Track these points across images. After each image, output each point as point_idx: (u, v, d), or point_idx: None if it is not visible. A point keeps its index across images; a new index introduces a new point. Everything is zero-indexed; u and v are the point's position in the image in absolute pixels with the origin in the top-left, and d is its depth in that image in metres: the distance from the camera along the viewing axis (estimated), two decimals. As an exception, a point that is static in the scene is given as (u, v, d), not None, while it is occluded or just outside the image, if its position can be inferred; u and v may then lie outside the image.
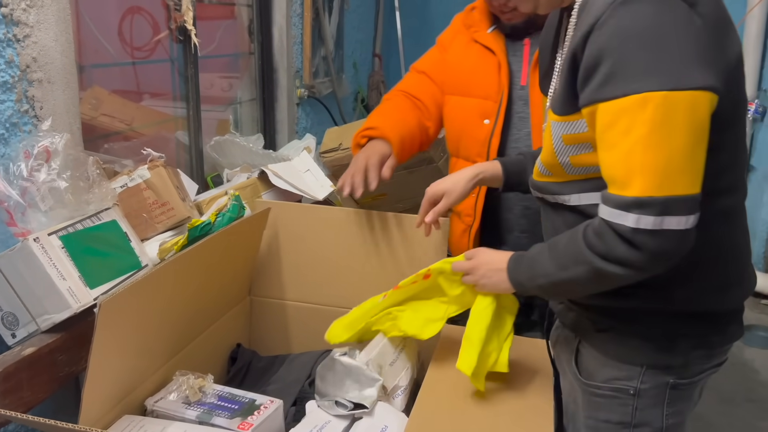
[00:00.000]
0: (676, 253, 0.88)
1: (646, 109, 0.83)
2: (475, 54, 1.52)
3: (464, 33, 1.56)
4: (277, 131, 2.54)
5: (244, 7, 2.38)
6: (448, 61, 1.58)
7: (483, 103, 1.49)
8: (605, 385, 1.07)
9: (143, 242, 1.32)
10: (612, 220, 0.88)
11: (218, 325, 1.39)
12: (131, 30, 1.84)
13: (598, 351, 1.08)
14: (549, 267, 0.99)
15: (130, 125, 1.88)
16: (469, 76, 1.52)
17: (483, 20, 1.51)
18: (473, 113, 1.51)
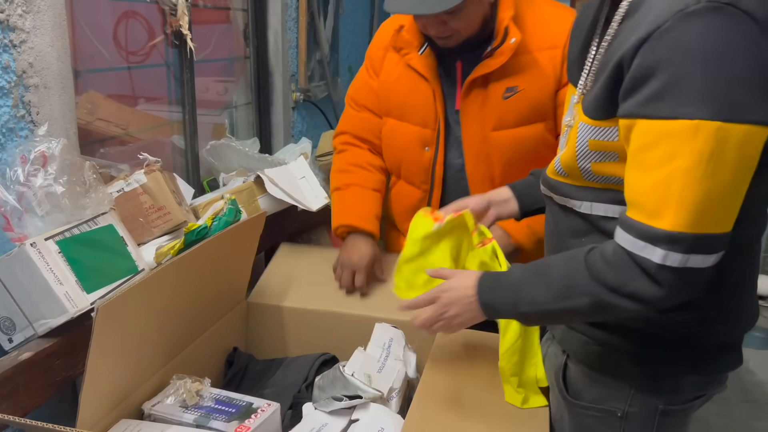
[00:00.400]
0: (694, 291, 0.83)
1: (696, 139, 0.75)
2: (409, 80, 1.46)
3: (395, 54, 1.48)
4: (272, 135, 2.54)
5: (240, 11, 2.38)
6: (381, 84, 1.52)
7: (422, 131, 1.46)
8: (592, 406, 1.04)
9: (140, 246, 1.32)
10: (635, 251, 0.82)
11: (215, 328, 1.39)
12: (126, 35, 1.85)
13: (586, 369, 1.05)
14: (540, 295, 0.93)
15: (126, 130, 1.89)
16: (404, 102, 1.48)
17: (413, 41, 1.43)
18: (413, 141, 1.49)
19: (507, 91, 1.39)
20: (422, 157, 1.48)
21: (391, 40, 1.46)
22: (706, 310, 0.95)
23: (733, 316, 0.98)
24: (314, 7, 2.75)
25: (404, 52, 1.44)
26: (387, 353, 1.24)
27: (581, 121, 0.93)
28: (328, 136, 2.65)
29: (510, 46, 1.34)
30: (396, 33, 1.44)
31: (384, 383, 1.16)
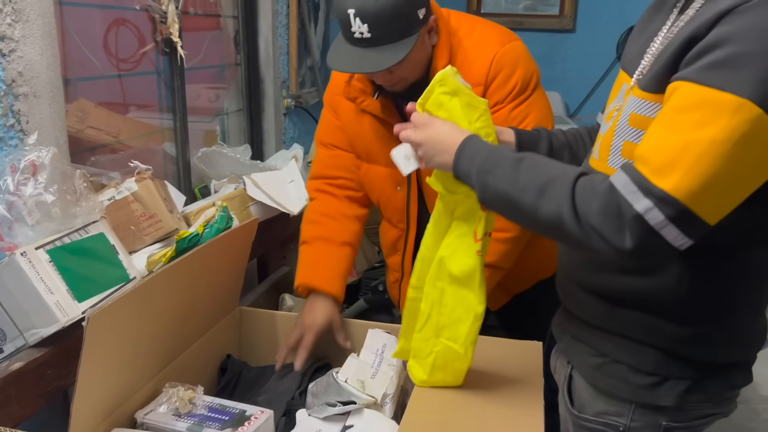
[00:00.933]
0: (649, 260, 0.84)
1: (734, 117, 0.74)
2: (369, 124, 1.43)
3: (349, 102, 1.44)
4: (264, 141, 2.54)
5: (230, 18, 2.39)
6: (344, 128, 1.50)
7: (392, 172, 1.43)
8: (595, 419, 1.03)
9: (131, 255, 1.32)
10: (622, 192, 0.81)
11: (208, 336, 1.39)
12: (117, 42, 1.84)
13: (589, 382, 1.05)
14: (509, 178, 0.90)
15: (116, 137, 1.88)
16: (370, 146, 1.46)
17: (366, 88, 1.39)
18: (385, 182, 1.47)
19: None
20: (396, 197, 1.47)
21: (344, 92, 1.42)
22: (704, 328, 0.94)
23: (739, 337, 0.97)
24: (304, 13, 2.75)
25: (359, 100, 1.40)
26: (380, 359, 1.24)
27: (631, 94, 0.92)
28: (320, 141, 2.65)
29: None
30: (347, 84, 1.41)
31: (377, 389, 1.16)
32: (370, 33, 1.19)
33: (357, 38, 1.21)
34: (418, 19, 1.23)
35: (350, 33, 1.21)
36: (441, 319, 1.10)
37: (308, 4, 2.81)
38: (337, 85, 1.48)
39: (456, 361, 1.11)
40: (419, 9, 1.22)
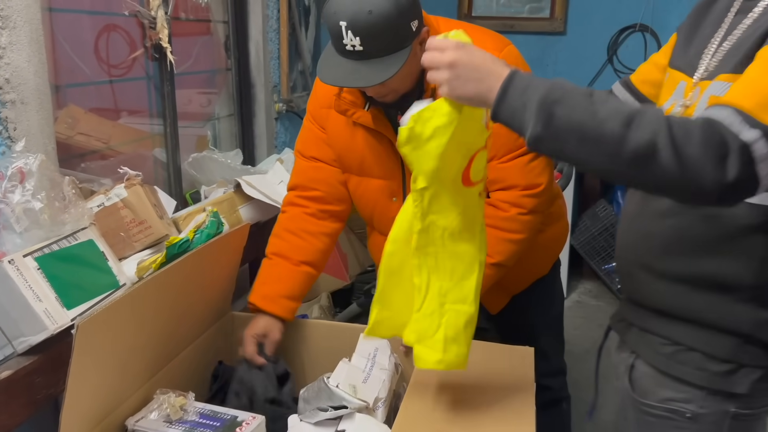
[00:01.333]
0: (742, 196, 0.82)
1: None
2: (362, 137, 1.41)
3: (339, 115, 1.41)
4: (255, 146, 2.54)
5: (220, 23, 2.38)
6: (331, 142, 1.47)
7: (387, 184, 1.43)
8: (660, 405, 1.04)
9: (121, 261, 1.31)
10: (726, 123, 0.79)
11: (199, 342, 1.38)
12: (107, 48, 1.84)
13: (657, 369, 1.05)
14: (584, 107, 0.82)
15: (107, 144, 1.88)
16: (362, 159, 1.43)
17: (357, 100, 1.37)
18: (380, 194, 1.45)
19: None
20: (391, 209, 1.44)
21: (335, 105, 1.39)
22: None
23: None
24: (295, 17, 2.75)
25: (350, 112, 1.37)
26: (372, 363, 1.23)
27: (717, 80, 0.92)
28: (312, 146, 2.65)
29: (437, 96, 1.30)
30: (337, 97, 1.37)
31: (369, 393, 1.16)
32: (362, 46, 1.17)
33: (349, 51, 1.18)
34: (411, 32, 1.21)
35: (342, 45, 1.19)
36: (442, 284, 1.03)
37: (299, 9, 2.81)
38: (323, 97, 1.44)
39: (468, 326, 1.05)
40: (412, 21, 1.20)
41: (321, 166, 1.49)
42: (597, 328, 3.22)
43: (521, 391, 1.17)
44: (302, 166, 1.52)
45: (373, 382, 1.19)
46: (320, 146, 1.48)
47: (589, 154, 0.84)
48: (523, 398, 1.15)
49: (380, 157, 1.41)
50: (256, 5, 2.42)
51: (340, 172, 1.49)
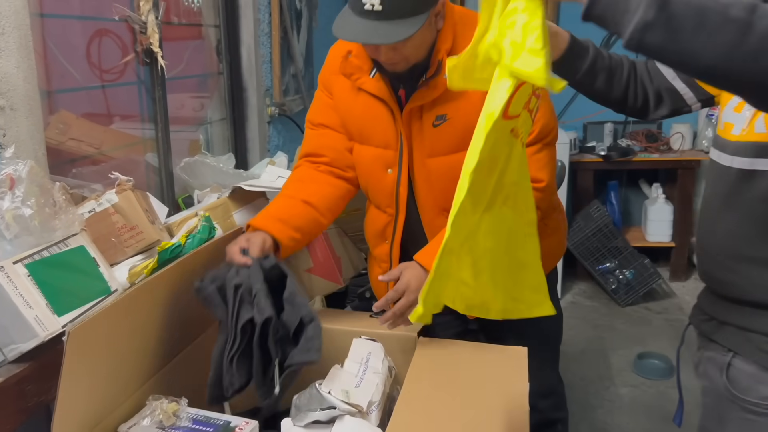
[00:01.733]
0: None
1: None
2: (364, 103, 1.42)
3: (345, 80, 1.43)
4: (248, 150, 2.54)
5: (212, 27, 2.38)
6: (338, 106, 1.49)
7: (383, 153, 1.44)
8: (763, 402, 1.04)
9: (113, 267, 1.31)
10: None
11: (192, 347, 1.38)
12: (99, 53, 1.84)
13: (759, 368, 1.05)
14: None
15: (99, 149, 1.87)
16: (363, 126, 1.45)
17: (363, 65, 1.39)
18: (376, 163, 1.46)
19: (436, 119, 1.37)
20: (385, 180, 1.46)
21: (340, 67, 1.42)
22: None
23: None
24: (287, 21, 2.75)
25: (355, 77, 1.40)
26: (365, 368, 1.23)
27: None
28: (305, 149, 2.65)
29: (444, 81, 1.29)
30: (344, 59, 1.40)
31: (363, 397, 1.16)
32: (381, 6, 1.19)
33: (367, 10, 1.20)
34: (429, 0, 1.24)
35: (361, 5, 1.21)
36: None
37: (290, 13, 2.82)
38: (333, 63, 1.48)
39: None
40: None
41: (327, 132, 1.51)
42: (592, 329, 3.23)
43: (514, 392, 1.17)
44: (311, 134, 1.55)
45: (367, 386, 1.19)
46: (327, 112, 1.50)
47: (705, 45, 0.76)
48: (516, 399, 1.15)
49: (380, 125, 1.42)
50: (248, 9, 2.42)
51: (347, 139, 1.50)
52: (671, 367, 2.71)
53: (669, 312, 3.39)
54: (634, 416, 2.52)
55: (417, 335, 1.38)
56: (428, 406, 1.13)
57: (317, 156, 1.53)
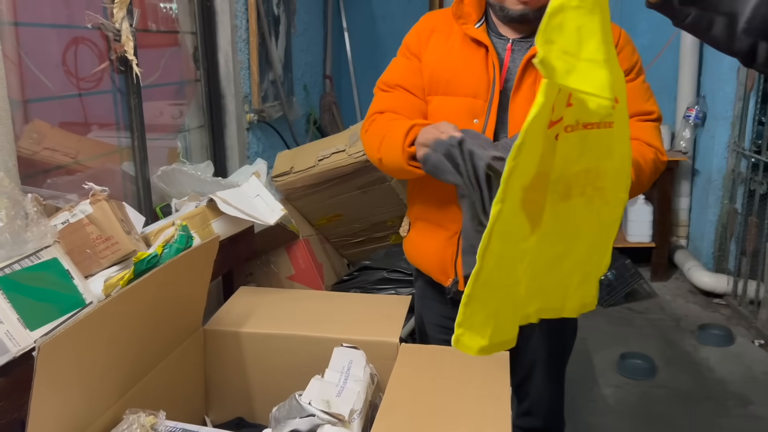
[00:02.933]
0: None
1: None
2: (459, 50, 1.46)
3: (444, 29, 1.49)
4: (227, 157, 2.52)
5: (188, 34, 2.36)
6: (425, 65, 1.49)
7: (472, 102, 1.42)
8: None
9: (87, 279, 1.28)
10: None
11: (170, 359, 1.35)
12: (76, 61, 1.81)
13: None
14: None
15: (74, 158, 1.84)
16: (453, 75, 1.45)
17: (472, 13, 1.46)
18: (461, 112, 1.43)
19: None
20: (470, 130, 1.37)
21: (453, 9, 1.47)
22: None
23: None
24: (265, 28, 2.74)
25: (462, 21, 1.45)
26: (346, 376, 1.22)
27: None
28: (284, 156, 2.64)
29: None
30: (457, 4, 1.47)
31: (344, 406, 1.14)
32: None
33: None
34: None
35: None
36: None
37: (268, 19, 2.80)
38: (428, 23, 1.52)
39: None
40: None
41: (402, 95, 1.49)
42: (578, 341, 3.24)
43: (497, 398, 1.16)
44: (382, 96, 1.52)
45: (348, 394, 1.17)
46: (406, 73, 1.50)
47: None
48: (498, 404, 1.14)
49: (473, 73, 1.43)
50: (225, 16, 2.41)
51: (421, 102, 1.49)
52: (654, 367, 2.73)
53: (650, 312, 3.42)
54: (618, 417, 2.53)
55: (399, 341, 1.38)
56: (411, 412, 1.12)
57: (392, 112, 1.49)
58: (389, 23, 4.13)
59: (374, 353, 1.34)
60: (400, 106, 1.47)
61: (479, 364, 1.28)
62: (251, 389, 1.47)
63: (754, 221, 3.20)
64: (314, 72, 3.88)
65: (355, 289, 2.35)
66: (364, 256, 2.65)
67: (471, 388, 1.19)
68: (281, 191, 2.44)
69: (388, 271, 2.31)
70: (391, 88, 1.51)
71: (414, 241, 1.59)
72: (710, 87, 3.67)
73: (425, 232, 1.55)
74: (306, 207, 2.52)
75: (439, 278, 1.54)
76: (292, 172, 2.42)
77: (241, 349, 1.47)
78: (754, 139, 3.34)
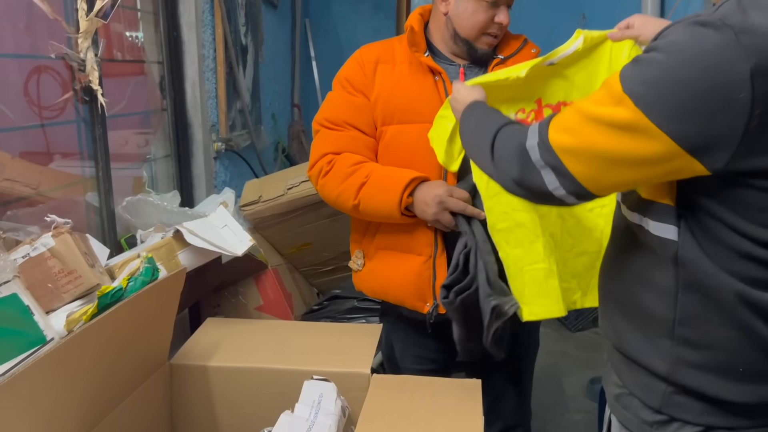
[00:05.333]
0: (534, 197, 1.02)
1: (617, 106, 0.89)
2: (410, 79, 1.50)
3: (389, 60, 1.53)
4: (194, 187, 2.49)
5: (155, 64, 2.35)
6: (376, 96, 1.51)
7: (428, 128, 1.45)
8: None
9: (49, 314, 1.25)
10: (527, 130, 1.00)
11: (135, 395, 1.32)
12: (38, 91, 1.78)
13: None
14: None
15: (36, 189, 1.80)
16: (407, 104, 1.49)
17: (422, 43, 1.52)
18: (418, 139, 1.46)
19: None
20: (432, 156, 1.43)
21: (408, 37, 1.50)
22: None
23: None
24: (232, 57, 2.74)
25: (415, 49, 1.50)
26: (317, 410, 1.20)
27: None
28: (252, 185, 2.62)
29: (531, 54, 1.47)
30: (410, 32, 1.49)
31: (315, 440, 1.12)
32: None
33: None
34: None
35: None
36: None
37: (236, 48, 2.80)
38: (369, 55, 1.55)
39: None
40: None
41: (354, 134, 1.51)
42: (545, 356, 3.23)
43: (469, 426, 1.16)
44: (332, 135, 1.53)
45: (319, 428, 1.15)
46: (352, 111, 1.52)
47: None
48: None
49: (427, 100, 1.47)
50: (192, 45, 2.40)
51: (371, 140, 1.52)
52: (623, 391, 2.75)
53: (618, 336, 3.45)
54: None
55: (371, 372, 1.36)
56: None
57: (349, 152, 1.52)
58: (356, 52, 4.18)
59: (345, 385, 1.32)
60: (354, 146, 1.50)
61: (452, 392, 1.28)
62: (219, 425, 1.44)
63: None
64: (282, 100, 3.88)
65: (325, 319, 2.32)
66: (334, 284, 2.63)
67: (443, 417, 1.18)
68: (249, 220, 2.42)
69: (359, 300, 2.30)
70: (339, 126, 1.52)
71: (378, 272, 1.57)
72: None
73: (392, 261, 1.54)
74: (275, 236, 2.50)
75: (414, 305, 1.53)
76: (261, 201, 2.40)
77: (208, 383, 1.44)
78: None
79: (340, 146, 1.51)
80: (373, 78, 1.53)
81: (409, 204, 1.42)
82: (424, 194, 1.40)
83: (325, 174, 1.50)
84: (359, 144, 1.51)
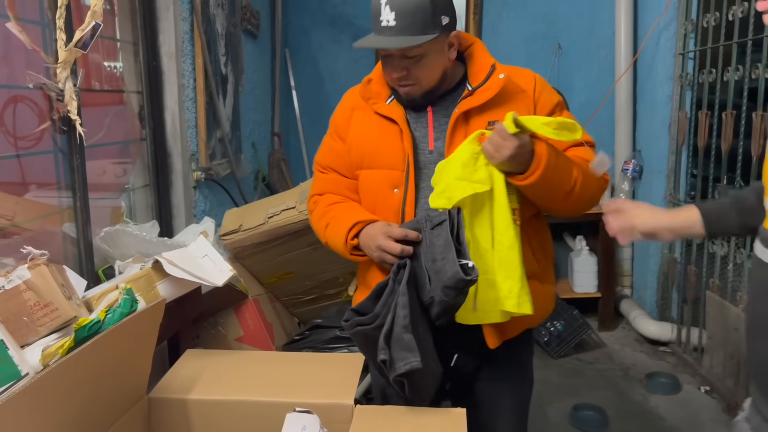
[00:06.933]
0: None
1: None
2: (376, 126, 1.54)
3: (362, 106, 1.57)
4: (173, 216, 2.47)
5: (134, 93, 2.34)
6: (351, 142, 1.58)
7: (390, 174, 1.51)
8: None
9: (24, 348, 1.22)
10: None
11: (113, 431, 1.28)
12: (14, 120, 1.76)
13: None
14: None
15: (11, 220, 1.77)
16: (373, 150, 1.54)
17: (381, 92, 1.54)
18: (383, 184, 1.52)
19: (489, 125, 1.45)
20: (392, 199, 1.51)
21: (361, 91, 1.57)
22: None
23: None
24: (212, 86, 2.74)
25: (372, 101, 1.54)
26: (299, 440, 1.18)
27: None
28: (233, 214, 2.61)
29: (499, 80, 1.47)
30: (365, 85, 1.56)
31: (298, 474, 1.10)
32: (395, 21, 1.38)
33: (384, 26, 1.39)
34: (440, 24, 1.40)
35: (379, 23, 1.40)
36: None
37: (216, 78, 2.81)
38: (347, 104, 1.62)
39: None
40: (443, 15, 1.41)
41: (336, 178, 1.62)
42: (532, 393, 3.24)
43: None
44: (320, 177, 1.67)
45: (302, 461, 1.13)
46: (334, 157, 1.62)
47: None
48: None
49: (388, 147, 1.52)
50: (172, 75, 2.40)
51: (350, 181, 1.60)
52: (606, 418, 2.74)
53: (600, 362, 3.46)
54: (573, 470, 2.51)
55: (354, 403, 1.34)
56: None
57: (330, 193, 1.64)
58: (336, 82, 4.20)
59: (328, 417, 1.30)
60: (335, 188, 1.63)
61: (436, 422, 1.26)
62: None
63: (693, 270, 3.31)
64: (262, 129, 3.89)
65: (307, 349, 2.29)
66: (315, 314, 2.61)
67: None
68: (230, 250, 2.40)
69: (341, 329, 2.28)
70: (325, 170, 1.65)
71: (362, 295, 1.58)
72: (645, 142, 3.84)
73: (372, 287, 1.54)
74: (255, 265, 2.48)
75: None
76: (241, 230, 2.38)
77: (188, 417, 1.41)
78: (688, 191, 3.50)
79: (324, 188, 1.65)
80: (349, 123, 1.61)
81: (356, 245, 1.51)
82: (366, 237, 1.48)
83: (311, 213, 1.67)
84: (339, 186, 1.62)
